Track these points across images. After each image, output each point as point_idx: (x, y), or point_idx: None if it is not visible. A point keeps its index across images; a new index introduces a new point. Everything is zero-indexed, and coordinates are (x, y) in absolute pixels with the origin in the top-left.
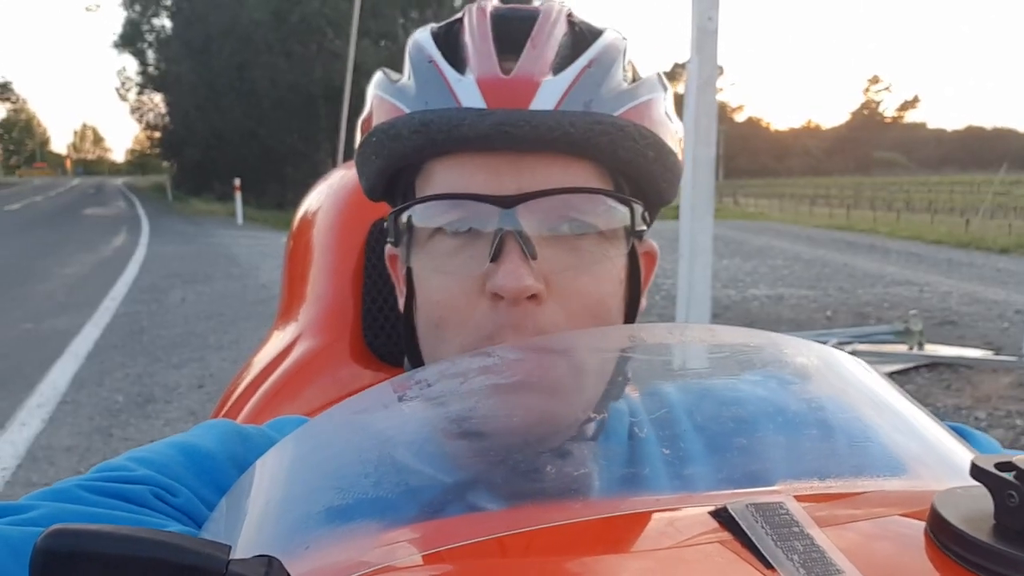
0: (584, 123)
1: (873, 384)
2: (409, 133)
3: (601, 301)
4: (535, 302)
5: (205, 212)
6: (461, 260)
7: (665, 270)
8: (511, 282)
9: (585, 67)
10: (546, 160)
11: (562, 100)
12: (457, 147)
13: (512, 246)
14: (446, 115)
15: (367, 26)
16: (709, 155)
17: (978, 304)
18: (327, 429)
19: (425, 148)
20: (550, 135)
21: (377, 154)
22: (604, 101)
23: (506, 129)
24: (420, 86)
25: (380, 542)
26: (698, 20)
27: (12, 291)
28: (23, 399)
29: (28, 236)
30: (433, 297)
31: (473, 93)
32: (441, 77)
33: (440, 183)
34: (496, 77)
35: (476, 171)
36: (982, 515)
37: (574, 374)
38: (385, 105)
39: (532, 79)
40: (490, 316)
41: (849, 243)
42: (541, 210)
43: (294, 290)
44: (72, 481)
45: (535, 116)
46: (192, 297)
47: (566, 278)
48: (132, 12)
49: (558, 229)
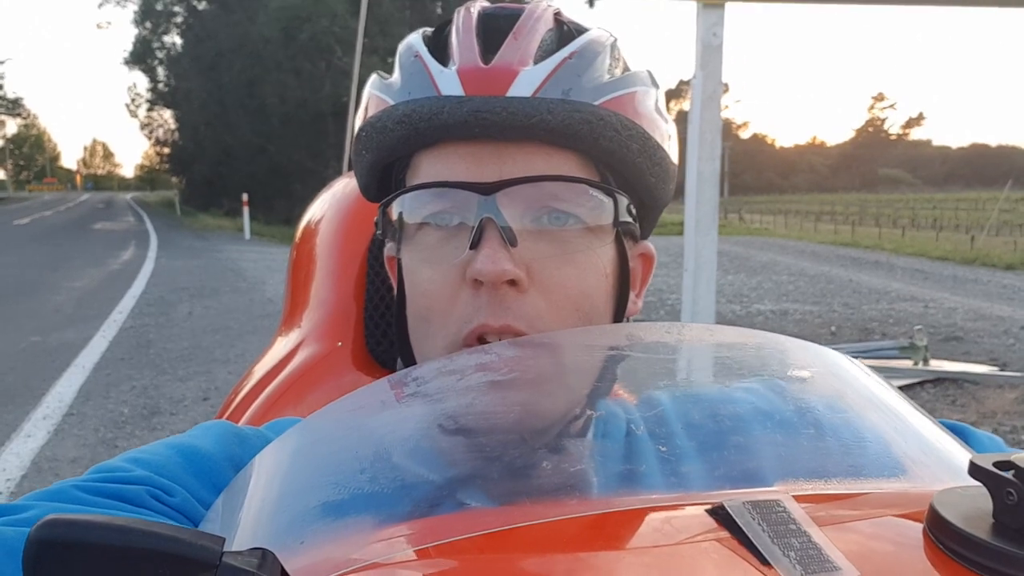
0: (563, 110)
1: (871, 385)
2: (393, 124)
3: (584, 293)
4: (516, 289)
5: (213, 227)
6: (445, 251)
7: (670, 284)
8: (488, 266)
9: (566, 58)
10: (528, 149)
11: (540, 88)
12: (439, 136)
13: (492, 232)
14: (426, 103)
15: (375, 43)
16: (713, 170)
17: (983, 320)
18: (323, 426)
19: (410, 138)
20: (527, 121)
21: (367, 149)
22: (584, 91)
23: (483, 115)
24: (405, 79)
25: (374, 538)
26: (703, 36)
27: (20, 304)
28: (29, 411)
29: (37, 250)
30: (419, 289)
31: (453, 82)
32: (425, 70)
33: (425, 174)
34: (476, 66)
35: (459, 161)
36: (981, 514)
37: (569, 372)
38: (375, 101)
39: (511, 67)
40: (471, 303)
41: (854, 259)
42: (523, 199)
43: (297, 297)
44: (69, 482)
45: (511, 103)
46: (199, 311)
47: (547, 267)
48: (143, 29)
49: (540, 221)
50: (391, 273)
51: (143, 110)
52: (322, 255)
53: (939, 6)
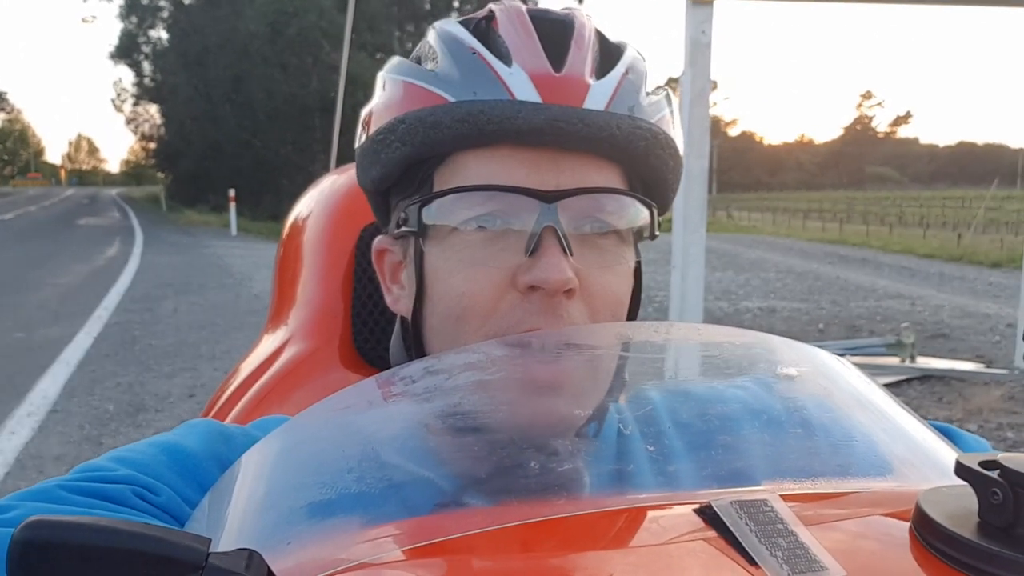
0: (629, 126)
1: (859, 385)
2: (452, 122)
3: (619, 300)
4: (569, 296)
5: (199, 223)
6: (491, 252)
7: (658, 282)
8: (555, 274)
9: (624, 73)
10: (584, 160)
11: (611, 102)
12: (505, 139)
13: (552, 241)
14: (499, 106)
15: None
16: (702, 167)
17: (970, 317)
18: (310, 425)
19: (469, 138)
20: (599, 135)
21: (405, 142)
22: (644, 108)
23: (560, 125)
24: (465, 75)
25: (362, 538)
26: (691, 33)
27: (4, 300)
28: (13, 408)
29: (21, 246)
30: (457, 289)
31: (527, 86)
32: (489, 68)
33: (474, 175)
34: (548, 73)
35: (518, 165)
36: (967, 513)
37: (561, 371)
38: (419, 92)
39: (583, 79)
40: (520, 306)
41: (842, 257)
42: (577, 208)
43: (284, 294)
44: (53, 481)
45: (589, 115)
46: (184, 307)
47: (593, 275)
48: (128, 24)
49: (582, 228)
50: (378, 267)
51: (129, 105)
52: (309, 252)
53: (927, 4)
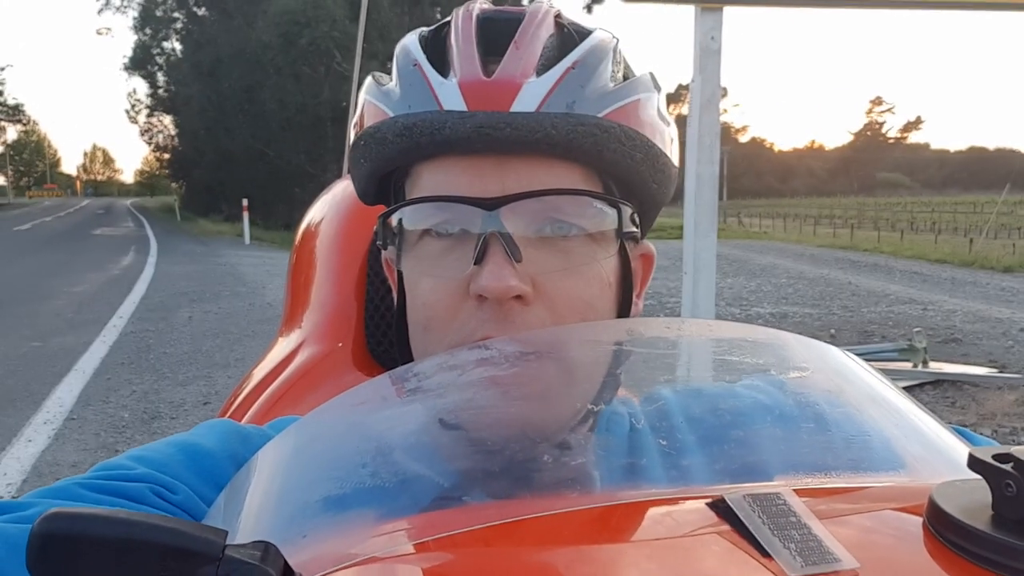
0: (566, 125)
1: (871, 380)
2: (393, 137)
3: (588, 303)
4: (521, 303)
5: (213, 232)
6: (447, 263)
7: (669, 288)
8: (494, 282)
9: (569, 68)
10: (530, 162)
11: (544, 101)
12: (440, 150)
13: (496, 248)
14: (428, 118)
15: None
16: (712, 173)
17: (982, 322)
18: (324, 421)
19: (410, 151)
20: (531, 137)
21: (365, 158)
22: (588, 102)
23: (487, 132)
24: (404, 90)
25: (376, 531)
26: (701, 39)
27: (21, 309)
28: (30, 416)
29: (37, 256)
30: (421, 299)
31: (455, 96)
32: (424, 80)
33: (426, 186)
34: (478, 79)
35: (461, 173)
36: (980, 506)
37: (570, 367)
38: (372, 109)
39: (514, 81)
40: (475, 315)
41: (853, 262)
42: (526, 212)
43: (298, 298)
44: (72, 480)
45: (515, 118)
46: (199, 315)
47: (552, 280)
48: (143, 35)
49: (543, 230)
50: (390, 276)
51: (143, 116)
52: (322, 257)
53: (937, 9)
